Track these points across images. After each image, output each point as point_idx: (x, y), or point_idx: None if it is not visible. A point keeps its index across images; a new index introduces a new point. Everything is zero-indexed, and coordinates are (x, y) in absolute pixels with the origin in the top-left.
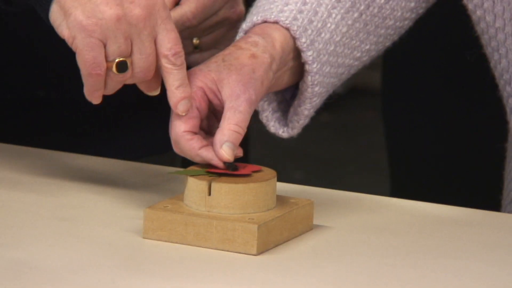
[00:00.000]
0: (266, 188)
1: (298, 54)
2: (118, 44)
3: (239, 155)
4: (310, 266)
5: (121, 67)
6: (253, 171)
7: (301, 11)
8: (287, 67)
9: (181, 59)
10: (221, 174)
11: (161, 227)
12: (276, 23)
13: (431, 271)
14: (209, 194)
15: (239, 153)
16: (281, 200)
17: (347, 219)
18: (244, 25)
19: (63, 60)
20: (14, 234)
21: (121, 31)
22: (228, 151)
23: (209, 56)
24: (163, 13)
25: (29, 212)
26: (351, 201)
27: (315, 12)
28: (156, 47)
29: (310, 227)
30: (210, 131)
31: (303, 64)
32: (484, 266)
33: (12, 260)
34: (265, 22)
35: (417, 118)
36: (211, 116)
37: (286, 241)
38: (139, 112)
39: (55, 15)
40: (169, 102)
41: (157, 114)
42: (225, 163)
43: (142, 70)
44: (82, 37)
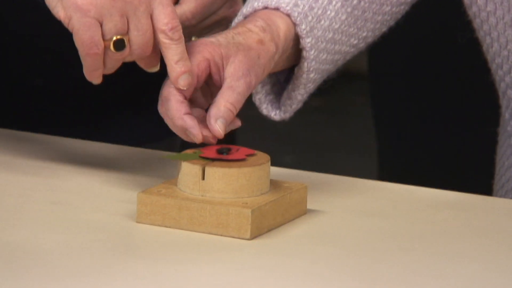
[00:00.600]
0: (260, 173)
1: (297, 40)
2: (114, 22)
3: (239, 125)
4: (304, 251)
5: (119, 45)
6: (247, 155)
7: None
8: (286, 54)
9: (179, 33)
10: (215, 159)
11: (155, 212)
12: (277, 9)
13: (424, 255)
14: (203, 179)
15: (238, 123)
16: (275, 185)
17: (341, 203)
18: (245, 9)
19: (62, 49)
20: (7, 218)
21: (117, 9)
22: (222, 127)
23: None
24: None
25: (23, 196)
26: (344, 185)
27: None
28: (153, 23)
29: (304, 212)
30: (193, 101)
31: (301, 50)
32: (476, 250)
33: (5, 244)
34: (266, 8)
35: (407, 102)
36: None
37: (280, 226)
38: (137, 99)
39: None
40: (170, 77)
41: (155, 101)
42: (218, 149)
43: (140, 47)
44: (78, 17)
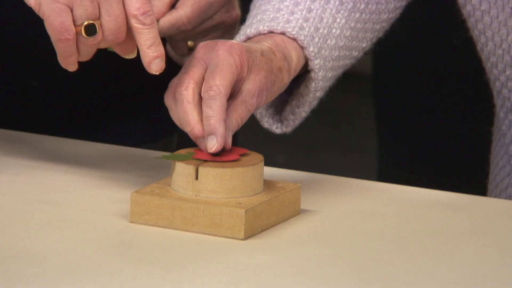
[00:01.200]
0: (253, 173)
1: (304, 61)
2: (85, 7)
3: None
4: (298, 251)
5: (90, 30)
6: (240, 155)
7: (307, 19)
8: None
9: (151, 18)
10: (208, 159)
11: (148, 212)
12: (283, 34)
13: (419, 255)
14: (196, 179)
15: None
16: (268, 185)
17: (334, 203)
18: (248, 30)
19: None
20: (0, 218)
21: None
22: (231, 140)
23: None
24: None
25: (16, 196)
26: (338, 185)
27: (321, 19)
28: (125, 8)
29: (298, 212)
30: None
31: (308, 70)
32: (470, 250)
33: None
34: (271, 33)
35: (401, 101)
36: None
37: (274, 226)
38: (133, 100)
39: None
40: (142, 62)
41: (151, 102)
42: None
43: (112, 32)
44: (48, 3)
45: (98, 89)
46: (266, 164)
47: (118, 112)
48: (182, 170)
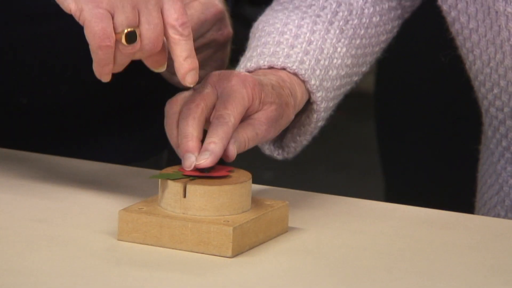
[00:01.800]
0: (241, 190)
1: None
2: (126, 14)
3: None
4: (286, 268)
5: (131, 38)
6: (227, 171)
7: (307, 52)
8: None
9: (188, 30)
10: (197, 177)
11: (136, 229)
12: (283, 69)
13: (406, 274)
14: (184, 196)
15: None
16: (256, 202)
17: (322, 221)
18: (249, 65)
19: (46, 67)
20: None
21: (128, 1)
22: (235, 151)
23: None
24: None
25: (4, 213)
26: (326, 203)
27: (321, 50)
28: (164, 18)
29: (285, 229)
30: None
31: (310, 102)
32: (457, 268)
33: None
34: (272, 68)
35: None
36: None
37: (261, 244)
38: (122, 118)
39: None
40: (177, 74)
41: (140, 120)
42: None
43: (151, 41)
44: (90, 8)
45: (88, 107)
46: (253, 181)
47: (108, 130)
48: (170, 188)
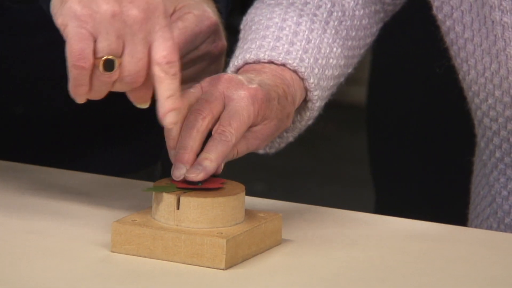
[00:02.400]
0: (235, 202)
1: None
2: (109, 42)
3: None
4: (279, 281)
5: (108, 65)
6: (221, 183)
7: (306, 50)
8: None
9: (175, 69)
10: (191, 189)
11: (129, 241)
12: (284, 65)
13: (398, 286)
14: (178, 208)
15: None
16: (250, 214)
17: (315, 233)
18: (248, 57)
19: (41, 77)
20: None
21: (114, 29)
22: (221, 168)
23: (188, 88)
24: (163, 21)
25: None
26: (319, 215)
27: (319, 49)
28: (151, 54)
29: (279, 242)
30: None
31: (306, 100)
32: (450, 281)
33: None
34: (272, 63)
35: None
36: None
37: (255, 256)
38: (116, 129)
39: (54, 3)
40: (158, 112)
41: (134, 132)
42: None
43: (131, 74)
44: (73, 26)
45: (82, 118)
46: (245, 193)
47: (101, 141)
48: (164, 200)
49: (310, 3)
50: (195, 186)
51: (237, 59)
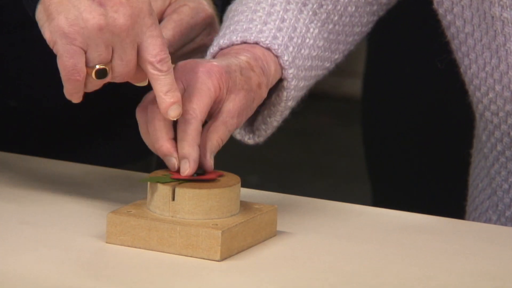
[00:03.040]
0: (230, 194)
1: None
2: (99, 52)
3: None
4: (274, 272)
5: (101, 74)
6: (218, 176)
7: (280, 29)
8: None
9: (167, 65)
10: (186, 180)
11: (124, 232)
12: (256, 44)
13: (394, 279)
14: (173, 199)
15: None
16: (245, 206)
17: (310, 225)
18: (221, 41)
19: (36, 70)
20: None
21: (103, 40)
22: (212, 161)
23: None
24: (148, 20)
25: None
26: (314, 207)
27: (294, 28)
28: (142, 54)
29: (274, 233)
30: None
31: (280, 79)
32: (445, 274)
33: None
34: (245, 43)
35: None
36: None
37: (250, 247)
38: (112, 121)
39: (40, 15)
40: (159, 108)
41: (130, 123)
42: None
43: (121, 75)
44: (63, 43)
45: (77, 110)
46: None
47: (96, 133)
48: (159, 191)
49: None
50: (190, 178)
51: (213, 46)
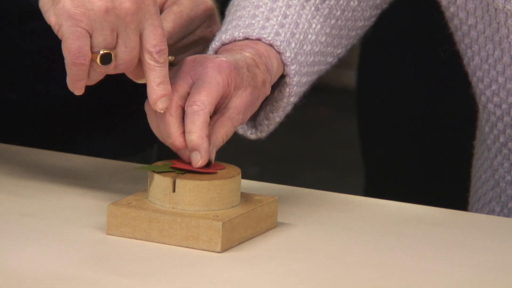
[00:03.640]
0: (231, 185)
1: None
2: (104, 36)
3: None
4: (275, 264)
5: (105, 59)
6: (218, 169)
7: (283, 25)
8: None
9: (165, 57)
10: (186, 171)
11: (125, 224)
12: (259, 40)
13: (395, 270)
14: (174, 191)
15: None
16: (246, 197)
17: (311, 217)
18: (224, 37)
19: (35, 63)
20: None
21: (108, 23)
22: (214, 155)
23: None
24: (152, 8)
25: None
26: (314, 199)
27: (296, 24)
28: (141, 42)
29: (274, 225)
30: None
31: (283, 75)
32: (446, 265)
33: None
34: (247, 39)
35: (387, 116)
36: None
37: (251, 239)
38: (112, 113)
39: (45, 1)
40: (149, 98)
41: (130, 115)
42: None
43: (125, 63)
44: (69, 26)
45: (77, 103)
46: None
47: (97, 125)
48: (159, 183)
49: None
50: (190, 168)
51: (215, 42)
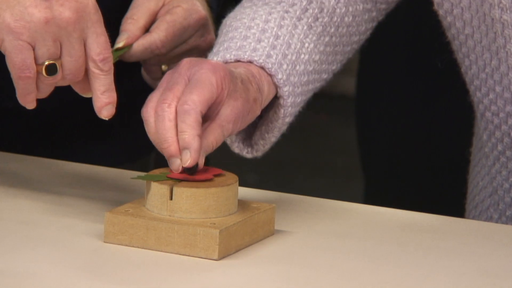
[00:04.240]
0: (228, 193)
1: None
2: (47, 47)
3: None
4: (272, 271)
5: (51, 70)
6: (214, 175)
7: (274, 47)
8: None
9: (109, 65)
10: (182, 179)
11: (122, 231)
12: (250, 63)
13: (392, 278)
14: (171, 199)
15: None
16: (243, 205)
17: (308, 224)
18: (215, 59)
19: None
20: None
21: (50, 34)
22: (203, 160)
23: None
24: (94, 16)
25: None
26: (311, 206)
27: (288, 45)
28: (86, 51)
29: (272, 232)
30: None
31: (277, 97)
32: (446, 273)
33: None
34: (238, 61)
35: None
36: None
37: (248, 246)
38: (109, 121)
39: None
40: (94, 106)
41: (128, 123)
42: (184, 168)
43: (72, 72)
44: (10, 40)
45: (74, 110)
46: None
47: (95, 133)
48: (157, 190)
49: (284, 2)
50: (187, 177)
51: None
